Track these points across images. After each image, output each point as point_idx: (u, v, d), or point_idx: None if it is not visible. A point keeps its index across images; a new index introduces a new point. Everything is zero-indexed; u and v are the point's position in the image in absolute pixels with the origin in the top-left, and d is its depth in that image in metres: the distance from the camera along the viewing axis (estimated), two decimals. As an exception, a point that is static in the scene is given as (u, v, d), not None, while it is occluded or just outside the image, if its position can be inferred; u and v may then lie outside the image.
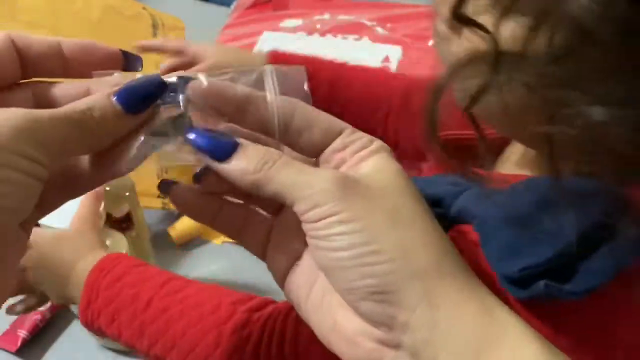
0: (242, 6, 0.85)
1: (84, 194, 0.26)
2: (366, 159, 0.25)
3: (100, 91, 0.25)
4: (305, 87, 0.27)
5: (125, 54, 0.28)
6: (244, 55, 0.64)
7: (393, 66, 0.71)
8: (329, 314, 0.25)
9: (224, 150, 0.24)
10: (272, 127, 0.25)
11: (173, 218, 0.69)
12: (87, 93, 0.26)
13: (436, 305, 0.22)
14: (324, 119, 0.25)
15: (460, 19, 0.28)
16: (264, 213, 0.28)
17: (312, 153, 0.26)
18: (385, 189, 0.24)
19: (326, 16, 0.81)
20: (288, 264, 0.27)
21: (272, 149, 0.24)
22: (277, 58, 0.58)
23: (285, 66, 0.27)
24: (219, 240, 0.69)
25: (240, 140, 0.25)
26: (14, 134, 0.21)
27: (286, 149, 0.26)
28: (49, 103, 0.26)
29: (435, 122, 0.29)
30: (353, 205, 0.23)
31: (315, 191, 0.23)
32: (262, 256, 0.28)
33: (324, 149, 0.25)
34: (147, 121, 0.25)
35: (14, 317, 0.58)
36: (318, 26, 0.79)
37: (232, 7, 0.87)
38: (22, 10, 0.61)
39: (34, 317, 0.57)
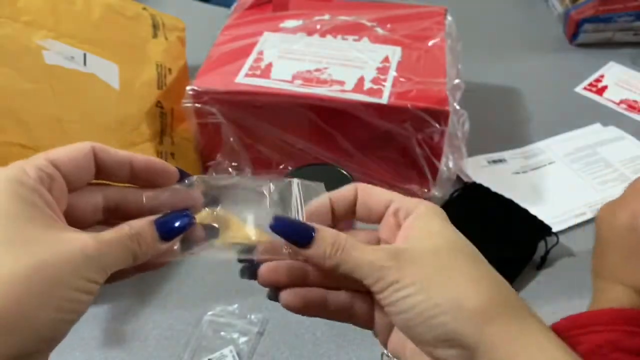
0: (242, 7, 0.85)
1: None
2: (413, 224, 0.30)
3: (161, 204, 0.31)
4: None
5: (181, 172, 0.32)
6: None
7: (392, 66, 0.71)
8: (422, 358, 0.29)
9: (305, 237, 0.30)
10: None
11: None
12: (152, 201, 0.31)
13: (493, 345, 0.26)
14: (378, 193, 0.33)
15: None
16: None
17: (375, 221, 0.33)
18: (430, 251, 0.29)
19: (326, 17, 0.81)
20: (388, 330, 0.32)
21: (340, 233, 0.30)
22: None
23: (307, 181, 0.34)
24: (220, 241, 0.69)
25: (314, 225, 0.30)
26: (85, 262, 0.25)
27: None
28: (117, 206, 0.31)
29: None
30: (407, 273, 0.28)
31: (376, 268, 0.28)
32: (370, 328, 0.33)
33: (381, 218, 0.32)
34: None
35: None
36: (318, 27, 0.79)
37: (232, 7, 0.87)
38: (22, 10, 0.62)
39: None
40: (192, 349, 0.57)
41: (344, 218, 0.34)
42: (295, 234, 0.30)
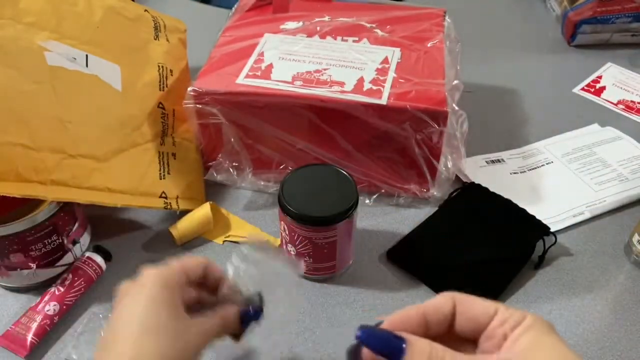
0: (243, 8, 0.86)
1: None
2: (521, 336, 0.28)
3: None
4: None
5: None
6: None
7: (392, 67, 0.72)
8: None
9: (396, 350, 0.28)
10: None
11: (174, 218, 0.69)
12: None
13: None
14: (481, 303, 0.31)
15: None
16: None
17: (477, 332, 0.30)
18: None
19: (326, 18, 0.82)
20: None
21: (435, 344, 0.28)
22: None
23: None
24: (220, 240, 0.69)
25: (404, 335, 0.28)
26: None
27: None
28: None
29: None
30: None
31: None
32: None
33: (485, 329, 0.30)
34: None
35: (15, 318, 0.58)
36: (318, 28, 0.80)
37: (233, 9, 0.88)
38: (24, 12, 0.62)
39: (43, 322, 0.57)
40: (193, 347, 0.58)
41: (436, 332, 0.31)
42: (385, 346, 0.28)
